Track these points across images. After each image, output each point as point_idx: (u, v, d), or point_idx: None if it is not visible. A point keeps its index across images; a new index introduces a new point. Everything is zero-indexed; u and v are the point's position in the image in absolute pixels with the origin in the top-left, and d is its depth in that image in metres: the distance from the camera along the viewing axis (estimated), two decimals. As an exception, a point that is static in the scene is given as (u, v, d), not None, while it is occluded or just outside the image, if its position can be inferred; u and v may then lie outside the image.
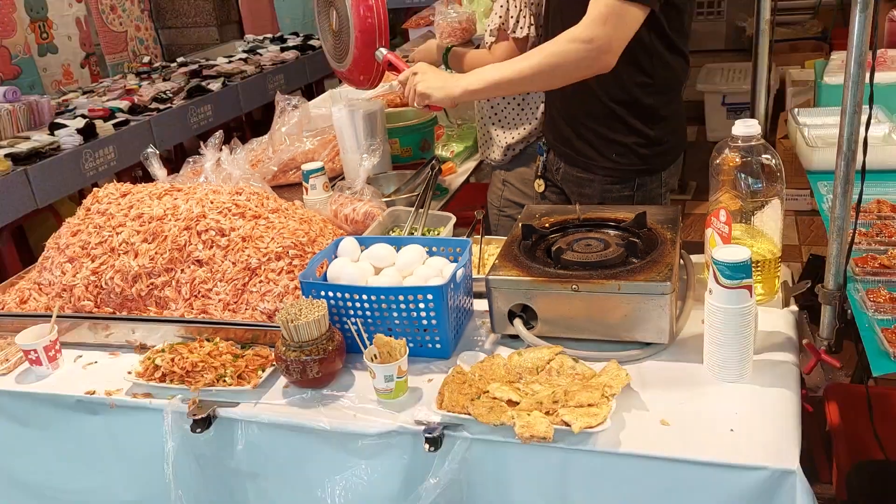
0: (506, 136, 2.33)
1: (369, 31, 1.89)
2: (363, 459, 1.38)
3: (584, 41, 1.57)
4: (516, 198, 2.41)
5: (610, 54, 1.58)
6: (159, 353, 1.56)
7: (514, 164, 2.39)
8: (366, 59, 1.93)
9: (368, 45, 1.91)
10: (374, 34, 1.89)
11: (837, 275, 1.33)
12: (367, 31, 1.89)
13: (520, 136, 2.32)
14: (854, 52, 1.20)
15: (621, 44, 1.59)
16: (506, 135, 2.33)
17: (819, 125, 2.07)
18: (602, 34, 1.56)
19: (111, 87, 4.77)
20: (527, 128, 2.32)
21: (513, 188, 2.40)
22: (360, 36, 1.90)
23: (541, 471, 1.29)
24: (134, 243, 1.73)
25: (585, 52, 1.58)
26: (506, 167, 2.41)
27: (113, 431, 1.54)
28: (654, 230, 1.61)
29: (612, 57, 1.59)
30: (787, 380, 1.34)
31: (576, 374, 1.38)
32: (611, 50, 1.58)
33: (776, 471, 1.15)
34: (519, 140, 2.32)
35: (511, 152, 2.35)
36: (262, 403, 1.45)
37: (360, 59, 1.94)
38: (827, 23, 5.65)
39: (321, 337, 1.43)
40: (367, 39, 1.90)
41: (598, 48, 1.57)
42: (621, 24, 1.57)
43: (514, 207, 2.40)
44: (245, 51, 5.75)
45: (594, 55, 1.58)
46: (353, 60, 1.96)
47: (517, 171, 2.40)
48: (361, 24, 1.88)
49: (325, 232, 1.84)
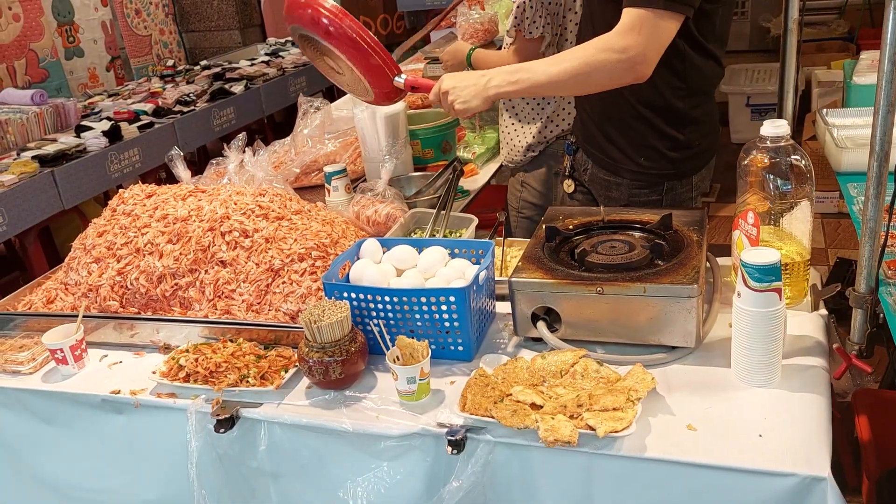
0: (525, 136, 2.32)
1: (377, 70, 1.81)
2: (385, 461, 1.38)
3: (618, 51, 1.52)
4: (535, 199, 2.39)
5: (645, 65, 1.53)
6: (183, 353, 1.57)
7: (533, 166, 2.38)
8: (386, 89, 1.86)
9: (382, 80, 1.83)
10: (383, 70, 1.80)
11: (869, 278, 1.31)
12: (374, 71, 1.81)
13: (539, 134, 2.30)
14: (888, 50, 1.17)
15: (656, 54, 1.54)
16: (525, 134, 2.32)
17: (848, 125, 2.03)
18: (635, 43, 1.51)
19: (136, 90, 4.82)
20: (544, 123, 2.30)
21: (532, 190, 2.39)
22: (371, 78, 1.83)
23: (565, 475, 1.27)
24: (159, 244, 1.74)
25: (619, 63, 1.53)
26: (524, 168, 2.40)
27: (137, 431, 1.55)
28: (679, 232, 1.59)
29: (647, 68, 1.54)
30: (817, 385, 1.32)
31: (600, 378, 1.36)
32: (646, 60, 1.52)
33: (806, 478, 1.13)
34: (538, 140, 2.31)
35: (531, 153, 2.33)
36: (285, 404, 1.45)
37: (380, 92, 1.88)
38: (853, 23, 5.57)
39: (344, 338, 1.43)
40: (379, 77, 1.82)
41: (632, 59, 1.52)
42: (655, 34, 1.51)
43: (532, 209, 2.39)
44: (267, 53, 5.79)
45: (628, 66, 1.53)
46: (374, 94, 1.91)
47: (536, 173, 2.38)
48: (366, 68, 1.81)
49: (347, 233, 1.84)
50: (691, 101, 1.76)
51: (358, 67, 1.79)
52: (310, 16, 1.73)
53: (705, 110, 1.79)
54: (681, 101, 1.75)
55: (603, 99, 1.82)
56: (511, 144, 2.39)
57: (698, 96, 1.76)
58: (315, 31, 1.77)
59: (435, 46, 3.41)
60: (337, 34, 1.73)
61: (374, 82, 1.83)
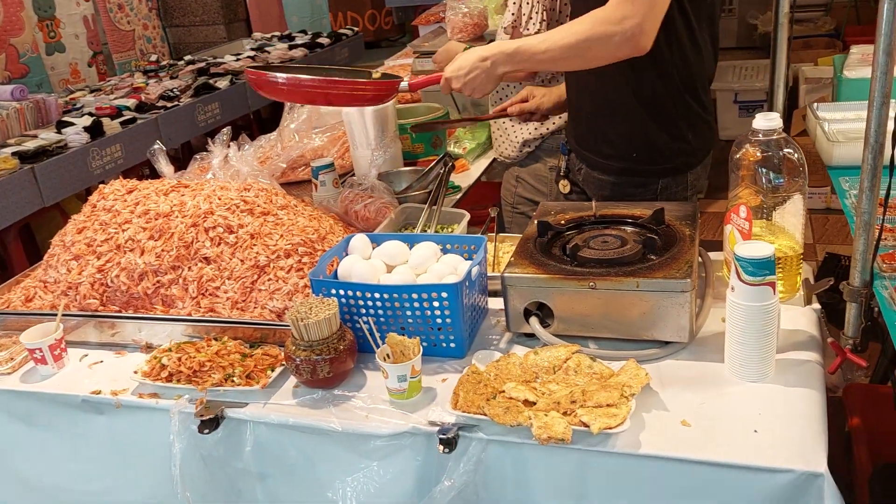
0: (522, 132, 2.29)
1: (379, 98, 1.89)
2: (375, 461, 1.35)
3: (615, 22, 1.49)
4: (530, 195, 2.36)
5: (643, 36, 1.49)
6: (166, 352, 1.53)
7: (529, 161, 2.35)
8: (376, 98, 1.92)
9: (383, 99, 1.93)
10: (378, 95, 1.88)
11: (864, 271, 1.29)
12: (377, 100, 1.92)
13: (536, 131, 2.27)
14: (883, 41, 1.16)
15: (653, 25, 1.50)
16: (522, 130, 2.29)
17: (839, 119, 2.03)
18: (632, 14, 1.47)
19: (118, 86, 4.76)
20: (545, 122, 2.27)
21: (527, 185, 2.36)
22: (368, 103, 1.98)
23: (558, 473, 1.25)
24: (140, 240, 1.70)
25: (617, 34, 1.49)
26: (520, 163, 2.37)
27: (118, 432, 1.51)
28: (672, 227, 1.57)
29: (646, 39, 1.50)
30: (812, 379, 1.30)
31: (593, 374, 1.34)
32: (643, 31, 1.49)
33: (803, 473, 1.12)
34: (536, 136, 2.28)
35: (527, 148, 2.30)
36: (272, 404, 1.42)
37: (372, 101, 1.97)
38: (840, 20, 5.59)
39: (332, 336, 1.40)
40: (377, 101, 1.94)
41: (630, 29, 1.48)
42: (652, 3, 1.48)
43: (527, 204, 2.36)
44: (253, 48, 5.73)
45: (627, 37, 1.49)
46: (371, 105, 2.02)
47: (531, 168, 2.35)
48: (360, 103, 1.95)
49: (335, 229, 1.81)
50: (684, 96, 1.74)
51: (337, 105, 1.90)
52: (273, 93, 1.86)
53: (699, 106, 1.77)
54: (673, 95, 1.73)
55: (595, 95, 1.79)
56: (506, 140, 2.35)
57: (691, 92, 1.74)
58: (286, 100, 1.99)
59: (424, 41, 3.38)
60: (304, 98, 1.96)
61: (360, 104, 1.98)
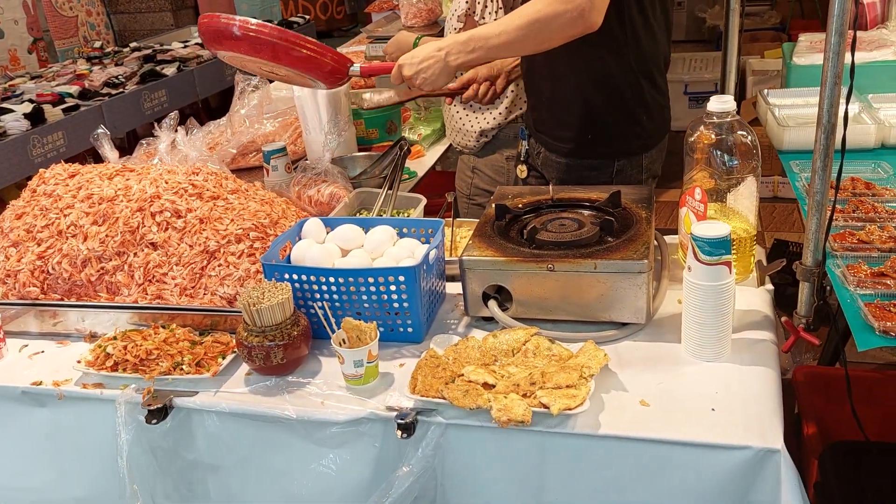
0: (479, 122, 2.26)
1: (330, 69, 1.77)
2: (331, 448, 1.32)
3: (565, 0, 1.49)
4: (487, 185, 2.32)
5: (594, 11, 1.50)
6: (111, 340, 1.48)
7: (486, 151, 2.31)
8: (339, 80, 1.83)
9: (334, 77, 1.80)
10: (336, 69, 1.77)
11: (816, 251, 1.31)
12: (327, 71, 1.77)
13: (494, 121, 2.24)
14: (835, 21, 1.17)
15: (603, 0, 1.52)
16: (479, 119, 2.26)
17: (789, 105, 2.06)
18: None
19: (60, 72, 4.58)
20: (501, 112, 2.25)
21: (483, 175, 2.32)
22: (323, 77, 1.79)
23: (518, 455, 1.24)
24: (83, 226, 1.63)
25: (568, 12, 1.49)
26: (476, 153, 2.33)
27: (62, 424, 1.45)
28: (628, 209, 1.57)
29: (597, 14, 1.50)
30: (767, 358, 1.32)
31: (552, 356, 1.33)
32: (594, 7, 1.49)
33: (760, 450, 1.13)
34: (493, 126, 2.24)
35: (484, 139, 2.26)
36: (223, 392, 1.38)
37: (334, 83, 1.85)
38: (785, 14, 5.73)
39: (286, 321, 1.37)
40: (332, 76, 1.79)
41: (580, 6, 1.48)
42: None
43: (484, 195, 2.32)
44: (201, 36, 5.59)
45: (577, 13, 1.49)
46: (327, 87, 1.87)
47: (488, 159, 2.30)
48: (321, 74, 1.77)
49: (287, 214, 1.77)
50: (639, 78, 1.75)
51: (294, 68, 1.75)
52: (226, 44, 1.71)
53: (654, 89, 1.78)
54: (628, 77, 1.74)
55: (552, 79, 1.79)
56: (462, 130, 2.31)
57: (646, 74, 1.75)
58: (239, 51, 1.74)
59: (377, 26, 3.34)
60: (260, 52, 1.71)
61: (316, 75, 1.79)
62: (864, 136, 1.81)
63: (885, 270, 1.27)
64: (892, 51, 2.08)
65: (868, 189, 1.60)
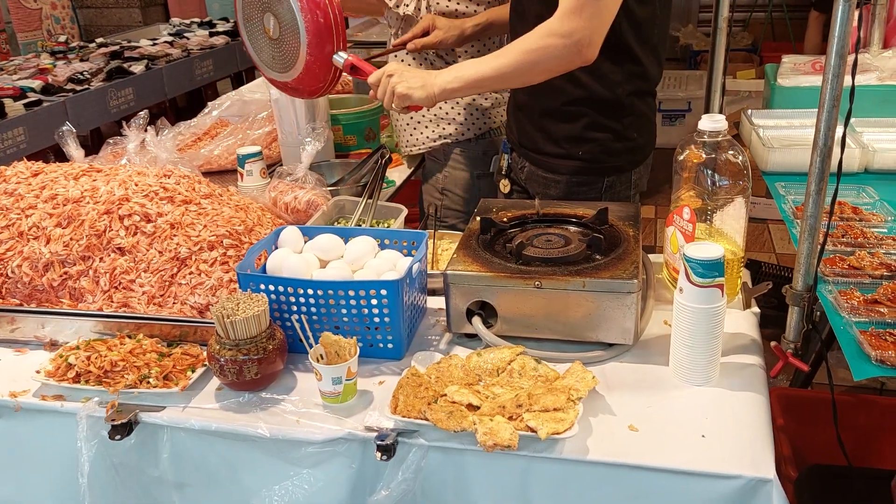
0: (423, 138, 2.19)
1: (323, 33, 1.67)
2: (305, 469, 1.26)
3: (563, 35, 1.49)
4: (458, 206, 2.24)
5: (591, 48, 1.51)
6: (73, 350, 1.40)
7: (453, 170, 2.22)
8: (320, 63, 1.71)
9: (322, 47, 1.69)
10: (331, 34, 1.67)
11: (807, 275, 1.29)
12: (320, 32, 1.67)
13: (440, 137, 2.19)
14: (836, 43, 1.15)
15: (601, 35, 1.51)
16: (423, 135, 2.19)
17: (773, 126, 2.06)
18: (579, 27, 1.48)
19: (23, 66, 4.43)
20: (446, 129, 2.19)
21: (454, 196, 2.23)
22: (313, 39, 1.68)
23: (502, 480, 1.20)
24: (46, 228, 1.55)
25: (565, 48, 1.50)
26: (444, 174, 2.22)
27: (19, 438, 1.37)
28: (615, 227, 1.54)
29: (593, 50, 1.51)
30: (755, 383, 1.29)
31: (538, 376, 1.29)
32: (591, 43, 1.50)
33: (752, 479, 1.10)
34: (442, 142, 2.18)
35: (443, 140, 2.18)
36: (192, 407, 1.31)
37: (312, 64, 1.72)
38: (757, 35, 5.82)
39: (260, 335, 1.30)
40: (321, 42, 1.68)
41: (578, 42, 1.49)
42: (597, 14, 1.49)
43: (456, 216, 2.24)
44: (171, 34, 5.47)
45: (575, 50, 1.50)
46: (304, 68, 1.73)
47: (457, 178, 2.22)
48: (313, 26, 1.66)
49: (263, 221, 1.70)
50: (632, 94, 1.73)
51: (308, 25, 1.65)
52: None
53: (645, 104, 1.77)
54: (624, 94, 1.71)
55: (540, 95, 1.76)
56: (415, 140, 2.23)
57: (639, 90, 1.73)
58: None
59: (356, 31, 3.28)
60: None
61: (315, 43, 1.68)
62: (849, 160, 1.81)
63: (878, 298, 1.26)
64: (875, 75, 2.10)
65: (855, 213, 1.60)
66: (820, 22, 4.52)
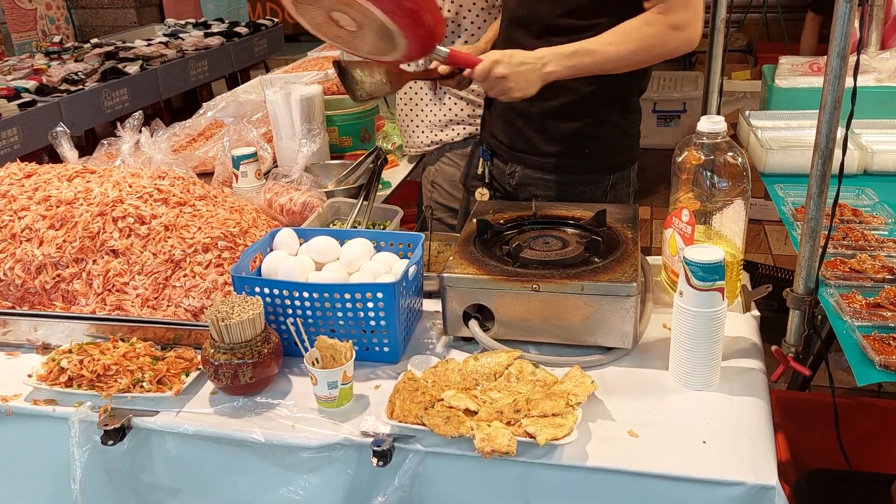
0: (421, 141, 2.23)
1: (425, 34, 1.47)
2: (301, 475, 1.24)
3: (678, 27, 1.56)
4: (445, 201, 2.28)
5: (698, 36, 1.59)
6: (65, 353, 1.38)
7: (444, 165, 2.26)
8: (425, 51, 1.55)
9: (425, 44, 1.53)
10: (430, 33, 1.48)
11: (809, 279, 1.28)
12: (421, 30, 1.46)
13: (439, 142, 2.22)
14: (837, 45, 1.14)
15: (703, 23, 1.59)
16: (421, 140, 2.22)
17: (771, 128, 2.05)
18: (691, 18, 1.56)
19: (17, 66, 4.41)
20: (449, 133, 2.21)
21: (442, 191, 2.27)
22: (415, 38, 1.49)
23: (500, 486, 1.18)
24: (39, 229, 1.53)
25: (678, 38, 1.57)
26: (435, 166, 2.28)
27: (10, 443, 1.35)
28: (613, 229, 1.53)
29: (699, 39, 1.60)
30: (756, 388, 1.28)
31: (536, 381, 1.27)
32: (697, 31, 1.58)
33: (754, 486, 1.08)
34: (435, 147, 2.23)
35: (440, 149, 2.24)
36: (186, 412, 1.29)
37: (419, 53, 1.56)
38: (752, 36, 5.82)
39: (255, 338, 1.29)
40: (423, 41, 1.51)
41: (690, 32, 1.56)
42: (700, 4, 1.57)
43: (442, 210, 2.28)
44: (166, 35, 5.44)
45: (686, 38, 1.57)
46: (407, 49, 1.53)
47: (446, 173, 2.26)
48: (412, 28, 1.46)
49: (258, 223, 1.69)
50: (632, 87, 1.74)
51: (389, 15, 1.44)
52: None
53: (639, 101, 1.78)
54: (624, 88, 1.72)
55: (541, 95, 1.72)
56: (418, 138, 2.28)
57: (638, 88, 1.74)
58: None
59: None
60: None
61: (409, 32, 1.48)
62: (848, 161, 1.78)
63: (881, 301, 1.25)
64: (873, 77, 2.09)
65: (855, 216, 1.59)
66: (816, 23, 4.52)
